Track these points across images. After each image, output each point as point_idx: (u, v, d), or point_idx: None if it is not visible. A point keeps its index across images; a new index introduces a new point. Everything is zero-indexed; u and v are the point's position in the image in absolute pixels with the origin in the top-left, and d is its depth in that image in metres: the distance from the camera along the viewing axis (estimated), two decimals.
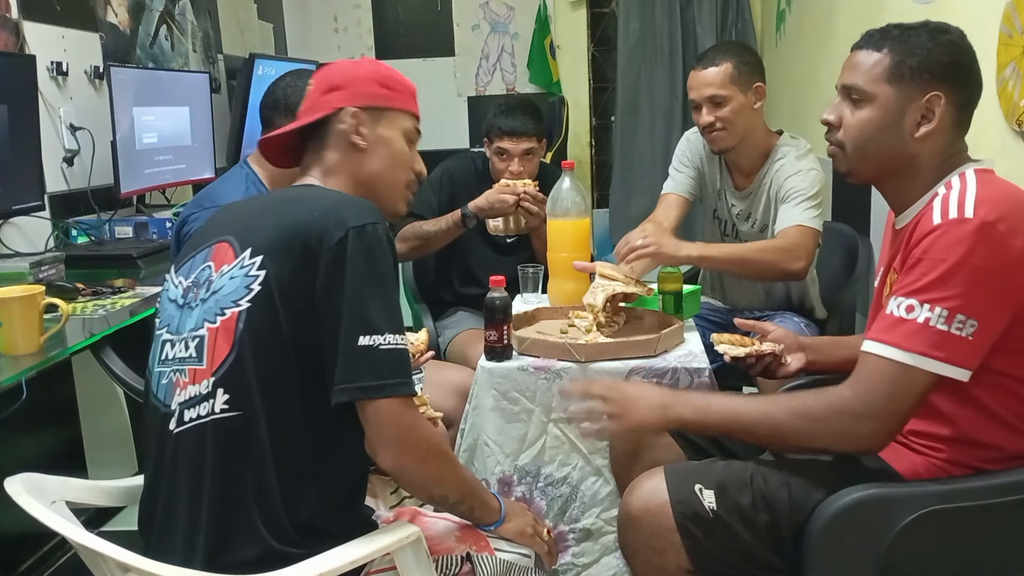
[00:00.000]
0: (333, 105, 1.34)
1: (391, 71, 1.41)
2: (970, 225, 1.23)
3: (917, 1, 2.20)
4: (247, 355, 1.14)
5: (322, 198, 1.25)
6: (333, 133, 1.35)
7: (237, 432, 1.14)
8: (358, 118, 1.34)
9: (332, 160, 1.35)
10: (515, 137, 2.51)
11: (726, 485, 1.40)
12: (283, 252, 1.16)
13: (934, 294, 1.23)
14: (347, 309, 1.13)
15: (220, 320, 1.17)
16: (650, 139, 4.28)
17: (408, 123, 1.40)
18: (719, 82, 2.17)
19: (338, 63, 1.42)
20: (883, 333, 1.28)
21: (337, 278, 1.14)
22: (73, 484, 1.27)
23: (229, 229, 1.24)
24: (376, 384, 1.13)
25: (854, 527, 1.31)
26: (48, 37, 2.56)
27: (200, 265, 1.24)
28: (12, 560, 2.26)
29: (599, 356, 1.82)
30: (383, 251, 1.18)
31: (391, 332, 1.15)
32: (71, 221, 2.61)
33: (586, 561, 1.90)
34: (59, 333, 1.73)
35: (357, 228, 1.16)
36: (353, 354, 1.13)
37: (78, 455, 2.55)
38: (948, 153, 1.37)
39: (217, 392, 1.15)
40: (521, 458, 1.87)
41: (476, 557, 1.31)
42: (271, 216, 1.23)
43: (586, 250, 2.21)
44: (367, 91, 1.36)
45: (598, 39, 4.53)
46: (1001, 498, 1.30)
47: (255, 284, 1.16)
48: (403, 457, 1.17)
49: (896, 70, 1.34)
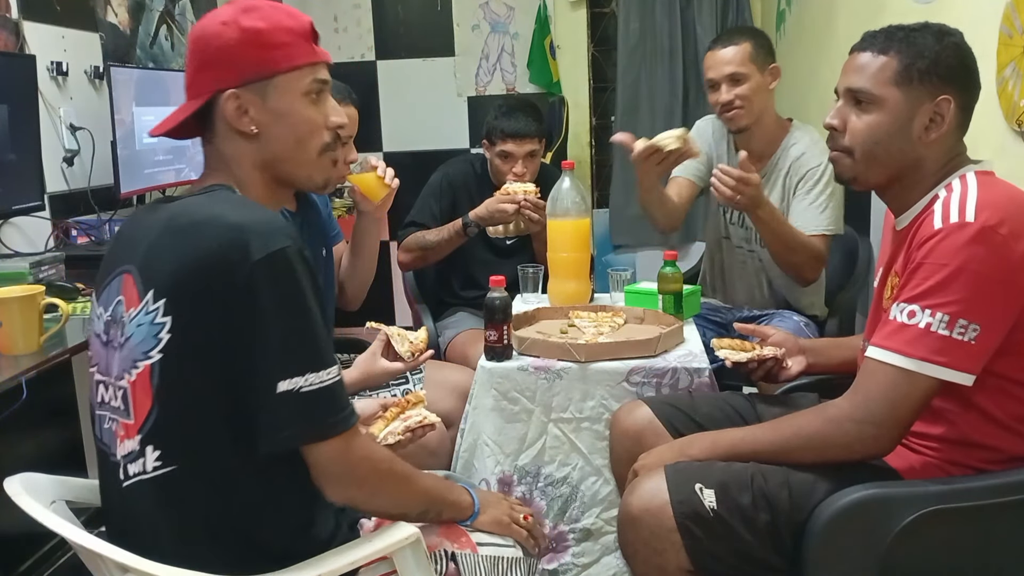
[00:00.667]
0: (208, 89, 1.16)
1: (269, 19, 1.16)
2: (971, 229, 1.23)
3: (917, 1, 2.20)
4: (170, 409, 1.07)
5: (222, 223, 1.06)
6: (218, 121, 1.17)
7: (176, 485, 1.08)
8: (240, 100, 1.15)
9: (228, 152, 1.18)
10: (519, 139, 2.51)
11: (726, 485, 1.40)
12: (185, 296, 1.05)
13: (935, 299, 1.23)
14: (261, 354, 1.03)
15: (136, 374, 1.08)
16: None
17: (305, 80, 1.18)
18: (739, 60, 2.22)
19: (200, 25, 1.17)
20: (885, 339, 1.28)
21: (247, 322, 1.03)
22: (73, 484, 1.27)
23: (131, 256, 1.12)
24: (302, 431, 1.06)
25: (854, 527, 1.31)
26: (48, 37, 2.55)
27: (115, 298, 1.13)
28: (12, 560, 2.26)
29: (599, 356, 1.82)
30: (294, 278, 1.05)
31: (312, 370, 1.04)
32: (71, 221, 2.61)
33: (586, 561, 1.90)
34: (59, 333, 1.73)
35: (261, 260, 1.02)
36: (274, 402, 1.03)
37: (78, 455, 2.55)
38: (951, 155, 1.37)
39: (146, 450, 1.08)
40: (521, 458, 1.87)
41: (460, 556, 1.29)
42: (170, 247, 1.08)
43: (586, 250, 2.21)
44: (241, 62, 1.14)
45: (598, 39, 4.52)
46: (1001, 498, 1.30)
47: (163, 333, 1.06)
48: (351, 492, 1.13)
49: (905, 73, 1.33)
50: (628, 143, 2.15)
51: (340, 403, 1.08)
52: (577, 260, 2.20)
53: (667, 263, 2.03)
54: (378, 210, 2.01)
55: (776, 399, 1.74)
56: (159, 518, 1.10)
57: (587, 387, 1.83)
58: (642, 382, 1.82)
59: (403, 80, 4.56)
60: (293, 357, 1.04)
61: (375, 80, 4.56)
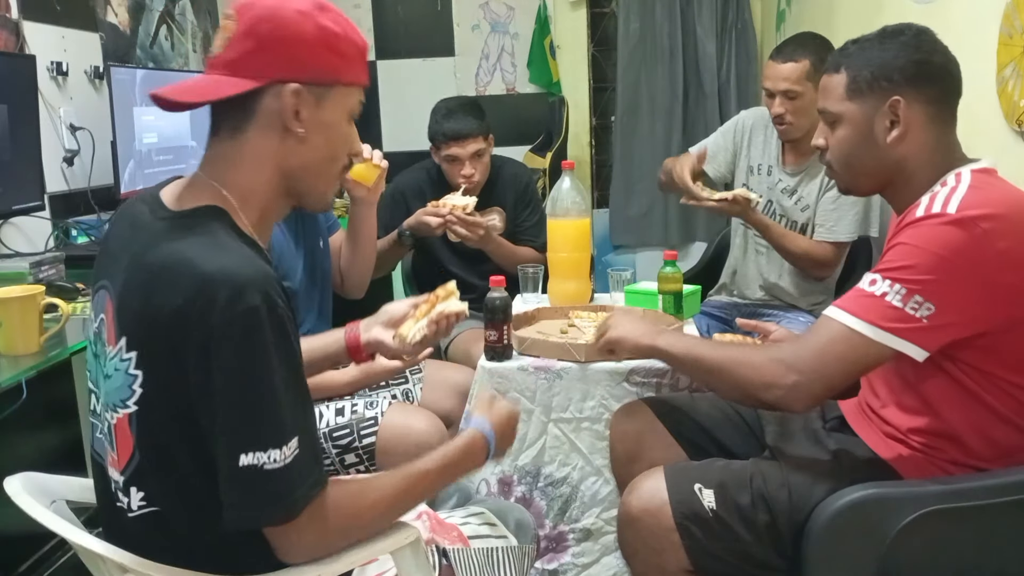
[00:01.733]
0: (266, 74, 1.05)
1: (341, 25, 1.09)
2: (946, 219, 1.25)
3: (917, 1, 2.20)
4: (150, 459, 1.04)
5: (191, 270, 0.98)
6: (261, 112, 1.06)
7: (162, 521, 1.06)
8: (299, 98, 1.06)
9: (252, 149, 1.08)
10: (461, 140, 2.46)
11: (726, 485, 1.40)
12: (153, 352, 1.00)
13: (898, 274, 1.26)
14: (222, 423, 0.97)
15: (116, 418, 1.05)
16: (650, 139, 4.27)
17: (355, 99, 1.14)
18: (795, 78, 2.26)
19: (274, 6, 1.06)
20: (842, 301, 1.32)
21: (207, 386, 0.96)
22: (73, 484, 1.27)
23: (113, 276, 1.07)
24: (267, 514, 0.99)
25: (854, 527, 1.31)
26: (48, 37, 2.56)
27: (99, 312, 1.09)
28: (12, 560, 2.26)
29: (599, 356, 1.82)
30: (259, 340, 0.96)
31: (276, 445, 0.97)
32: (71, 221, 2.61)
33: (586, 561, 1.90)
34: (59, 333, 1.73)
35: (225, 322, 0.95)
36: (236, 476, 0.97)
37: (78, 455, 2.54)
38: (937, 150, 1.37)
39: (131, 491, 1.06)
40: (521, 458, 1.87)
41: (452, 552, 1.28)
42: (140, 292, 1.01)
43: (586, 250, 2.21)
44: (314, 62, 1.07)
45: (598, 39, 4.53)
46: (1001, 498, 1.30)
47: (136, 386, 1.02)
48: (337, 547, 1.07)
49: (853, 86, 1.38)
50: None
51: (304, 475, 1.00)
52: (577, 260, 2.20)
53: (667, 263, 2.03)
54: (371, 193, 2.00)
55: None
56: (145, 540, 1.08)
57: (587, 387, 1.83)
58: (642, 382, 1.82)
59: (403, 80, 4.56)
60: (258, 429, 0.97)
61: (375, 80, 4.56)
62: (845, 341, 1.28)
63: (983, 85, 1.80)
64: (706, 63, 4.18)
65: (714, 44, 4.16)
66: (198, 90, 1.07)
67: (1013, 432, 1.32)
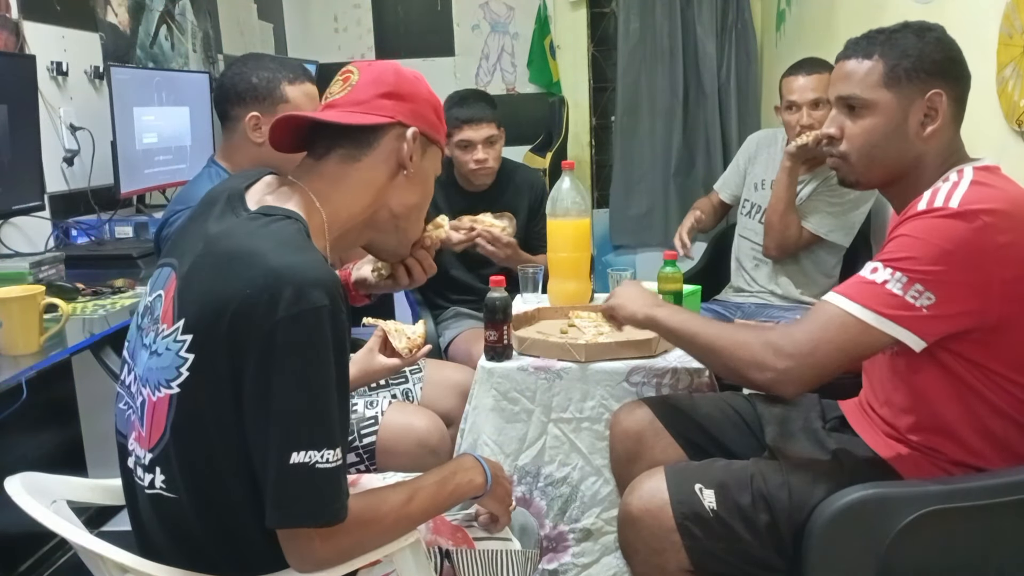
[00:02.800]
0: (392, 115, 1.18)
1: (437, 97, 1.26)
2: (947, 212, 1.25)
3: (918, 1, 2.20)
4: (181, 443, 1.05)
5: (262, 263, 1.00)
6: (382, 146, 1.17)
7: (177, 509, 1.08)
8: (416, 143, 1.19)
9: (363, 176, 1.17)
10: (475, 124, 2.50)
11: (726, 485, 1.40)
12: (210, 335, 1.01)
13: (900, 263, 1.26)
14: (276, 419, 0.98)
15: (157, 396, 1.06)
16: (650, 139, 4.27)
17: (439, 161, 1.28)
18: (823, 88, 2.36)
19: (391, 65, 1.23)
20: (842, 287, 1.31)
21: (264, 381, 0.98)
22: (73, 484, 1.27)
23: (183, 257, 1.10)
24: (312, 512, 1.00)
25: (854, 527, 1.31)
26: (48, 37, 2.55)
27: (158, 289, 1.12)
28: (12, 560, 2.26)
29: (599, 356, 1.83)
30: (319, 343, 0.99)
31: (328, 447, 0.99)
32: (71, 221, 2.61)
33: (586, 561, 1.90)
34: (59, 333, 1.73)
35: (291, 317, 0.97)
36: (286, 473, 0.98)
37: (78, 455, 2.55)
38: (951, 149, 1.38)
39: (156, 470, 1.08)
40: (521, 458, 1.87)
41: (455, 552, 1.29)
42: (205, 277, 1.04)
43: (586, 250, 2.21)
44: (426, 115, 1.21)
45: (598, 39, 4.53)
46: (1001, 498, 1.30)
47: (184, 368, 1.03)
48: (341, 562, 1.07)
49: (892, 74, 1.35)
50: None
51: (345, 487, 1.03)
52: (577, 260, 2.20)
53: (667, 263, 2.03)
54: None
55: (776, 399, 1.73)
56: (159, 527, 1.11)
57: (587, 387, 1.83)
58: (642, 382, 1.82)
59: None
60: (312, 428, 0.99)
61: None
62: (841, 327, 1.27)
63: (983, 85, 1.80)
64: (706, 63, 4.18)
65: (714, 44, 4.16)
66: (331, 115, 1.17)
67: (1010, 426, 1.32)
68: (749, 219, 2.67)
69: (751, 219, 2.66)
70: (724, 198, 2.79)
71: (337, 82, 1.22)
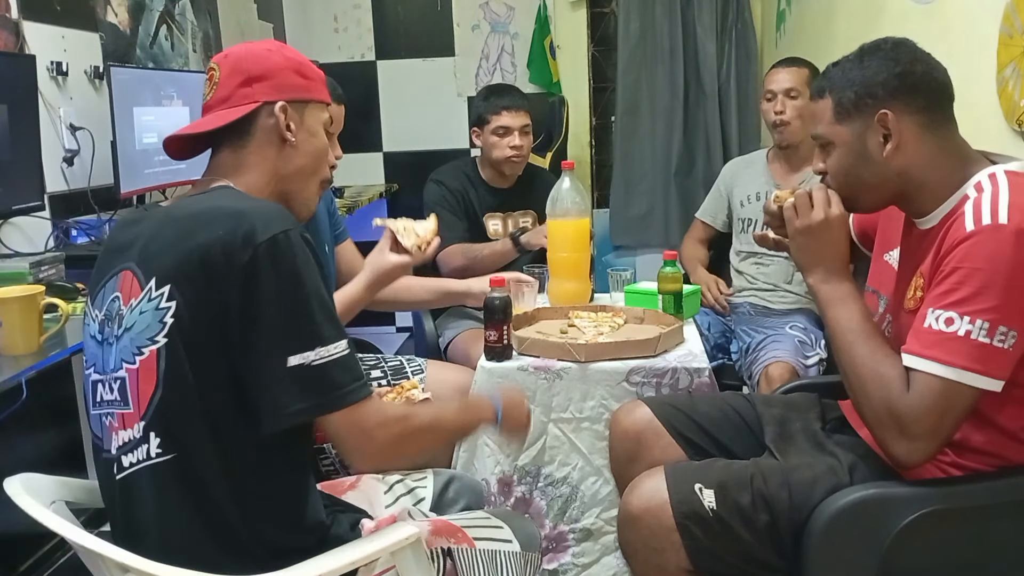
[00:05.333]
0: (256, 99, 1.25)
1: (302, 57, 1.33)
2: (1005, 232, 1.22)
3: (917, 1, 2.20)
4: (174, 393, 1.09)
5: (224, 211, 1.12)
6: (259, 129, 1.25)
7: (174, 473, 1.10)
8: (287, 113, 1.26)
9: (255, 159, 1.26)
10: (513, 111, 2.62)
11: (726, 485, 1.40)
12: (189, 280, 1.08)
13: (973, 306, 1.22)
14: (270, 333, 1.06)
15: (139, 360, 1.10)
16: (650, 139, 4.27)
17: (324, 115, 1.34)
18: (796, 80, 2.55)
19: (244, 49, 1.31)
20: (926, 348, 1.25)
21: (251, 302, 1.06)
22: (73, 484, 1.27)
23: (128, 254, 1.15)
24: (314, 404, 1.08)
25: (854, 527, 1.31)
26: (48, 37, 2.55)
27: (110, 296, 1.16)
28: (12, 560, 2.26)
29: (599, 356, 1.83)
30: (297, 259, 1.09)
31: (321, 344, 1.08)
32: (71, 221, 2.61)
33: (586, 561, 1.90)
34: (59, 333, 1.73)
35: (267, 242, 1.07)
36: (286, 377, 1.06)
37: (78, 455, 2.54)
38: (943, 155, 1.36)
39: (149, 436, 1.10)
40: (521, 458, 1.87)
41: (457, 552, 1.29)
42: (172, 237, 1.12)
43: (586, 250, 2.21)
44: (289, 82, 1.28)
45: (598, 39, 4.52)
46: (1001, 499, 1.30)
47: (167, 317, 1.08)
48: (376, 460, 1.18)
49: (840, 108, 1.39)
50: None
51: (352, 374, 1.11)
52: (577, 260, 2.20)
53: (667, 263, 2.04)
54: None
55: (776, 399, 1.74)
56: (153, 507, 1.11)
57: (587, 387, 1.83)
58: (642, 382, 1.82)
59: (403, 80, 4.56)
60: (300, 333, 1.07)
61: (375, 80, 4.56)
62: (954, 392, 1.23)
63: (983, 85, 1.80)
64: (706, 63, 4.18)
65: (714, 44, 4.15)
66: (204, 123, 1.26)
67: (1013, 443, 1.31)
68: (746, 235, 2.70)
69: (747, 234, 2.69)
70: (708, 222, 2.87)
71: (206, 83, 1.29)
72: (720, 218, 2.84)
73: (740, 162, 2.88)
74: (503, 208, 2.77)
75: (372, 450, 1.15)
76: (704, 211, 2.89)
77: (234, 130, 1.25)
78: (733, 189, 2.78)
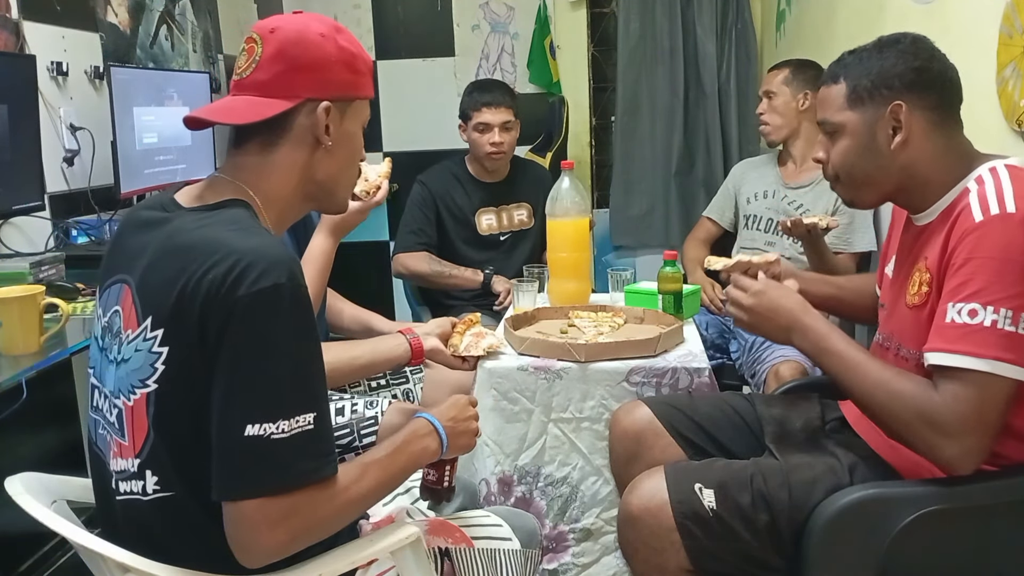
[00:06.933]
0: (299, 94, 1.13)
1: (355, 45, 1.19)
2: (1014, 220, 1.23)
3: (917, 1, 2.20)
4: (166, 438, 1.05)
5: (224, 247, 1.02)
6: (295, 128, 1.14)
7: (173, 508, 1.07)
8: (329, 114, 1.15)
9: (283, 161, 1.15)
10: (493, 107, 2.66)
11: (726, 485, 1.40)
12: (181, 326, 1.01)
13: (994, 295, 1.21)
14: (232, 395, 0.99)
15: (133, 399, 1.06)
16: (650, 139, 4.27)
17: (367, 111, 1.23)
18: (774, 81, 2.66)
19: (294, 29, 1.15)
20: (952, 343, 1.24)
21: (225, 359, 0.99)
22: (73, 484, 1.27)
23: (133, 268, 1.09)
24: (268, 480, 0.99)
25: (854, 527, 1.31)
26: (48, 37, 2.55)
27: (112, 306, 1.12)
28: (12, 560, 2.26)
29: (599, 356, 1.83)
30: (279, 318, 1.00)
31: (284, 418, 0.98)
32: (71, 221, 2.61)
33: (586, 561, 1.90)
34: (59, 333, 1.74)
35: (251, 295, 0.98)
36: (240, 446, 0.97)
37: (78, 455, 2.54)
38: (947, 154, 1.37)
39: (146, 474, 1.06)
40: (521, 458, 1.87)
41: (455, 551, 1.28)
42: (167, 270, 1.04)
43: (586, 250, 2.21)
44: (337, 79, 1.16)
45: (598, 39, 4.52)
46: (1001, 499, 1.30)
47: (159, 363, 1.03)
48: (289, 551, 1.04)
49: (854, 95, 1.39)
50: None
51: (313, 451, 1.01)
52: (577, 260, 2.20)
53: (667, 263, 2.04)
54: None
55: (776, 399, 1.74)
56: (153, 532, 1.09)
57: (587, 387, 1.83)
58: (642, 382, 1.82)
59: (403, 80, 4.56)
60: (262, 403, 0.99)
61: (375, 80, 4.55)
62: (990, 384, 1.21)
63: (983, 85, 1.80)
64: (706, 63, 4.17)
65: (714, 44, 4.15)
66: (238, 111, 1.14)
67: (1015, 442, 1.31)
68: (749, 231, 2.72)
69: (749, 230, 2.72)
70: (715, 219, 2.89)
71: (243, 54, 1.16)
72: (727, 216, 2.86)
73: (748, 163, 2.93)
74: (495, 202, 2.80)
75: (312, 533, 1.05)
76: (712, 209, 2.92)
77: (269, 124, 1.14)
78: (741, 187, 2.81)
